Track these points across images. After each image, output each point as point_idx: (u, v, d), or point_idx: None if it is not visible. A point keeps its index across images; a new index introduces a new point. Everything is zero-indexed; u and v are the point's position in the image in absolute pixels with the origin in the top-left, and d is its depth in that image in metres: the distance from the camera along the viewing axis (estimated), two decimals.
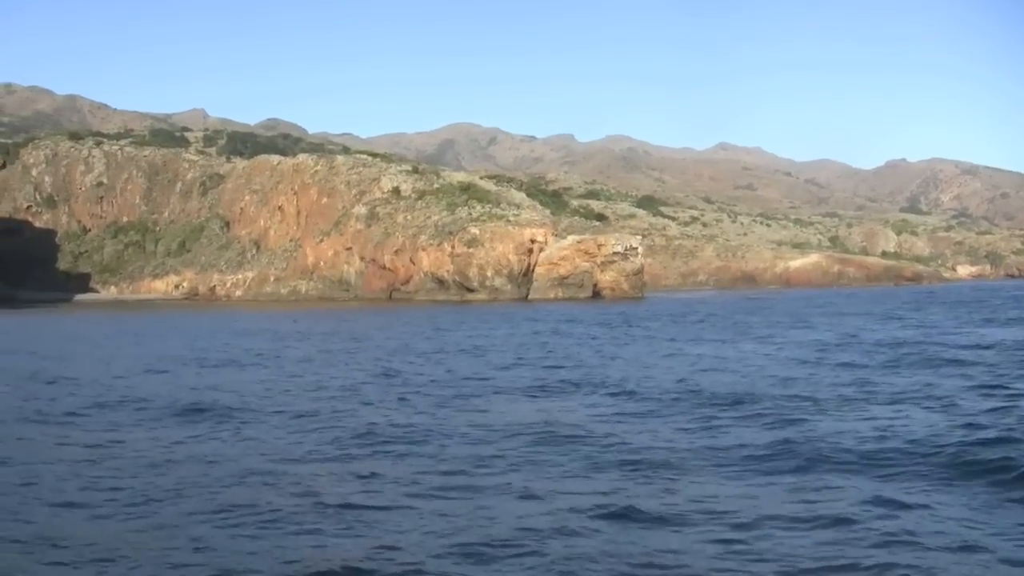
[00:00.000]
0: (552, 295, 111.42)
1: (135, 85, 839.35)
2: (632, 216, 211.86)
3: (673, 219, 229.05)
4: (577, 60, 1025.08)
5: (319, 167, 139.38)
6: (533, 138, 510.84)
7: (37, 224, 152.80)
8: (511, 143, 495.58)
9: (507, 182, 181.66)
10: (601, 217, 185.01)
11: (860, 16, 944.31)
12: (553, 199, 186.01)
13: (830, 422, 18.74)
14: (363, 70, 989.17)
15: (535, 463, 15.72)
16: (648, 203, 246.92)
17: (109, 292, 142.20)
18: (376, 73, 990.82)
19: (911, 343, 37.83)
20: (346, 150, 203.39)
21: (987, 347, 35.35)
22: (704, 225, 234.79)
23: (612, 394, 24.29)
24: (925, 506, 12.52)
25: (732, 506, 12.66)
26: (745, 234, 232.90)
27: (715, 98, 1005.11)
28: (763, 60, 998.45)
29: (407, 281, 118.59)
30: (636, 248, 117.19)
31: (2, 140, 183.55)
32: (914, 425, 17.98)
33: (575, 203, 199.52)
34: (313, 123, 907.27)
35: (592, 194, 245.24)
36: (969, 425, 17.60)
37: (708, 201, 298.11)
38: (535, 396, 24.44)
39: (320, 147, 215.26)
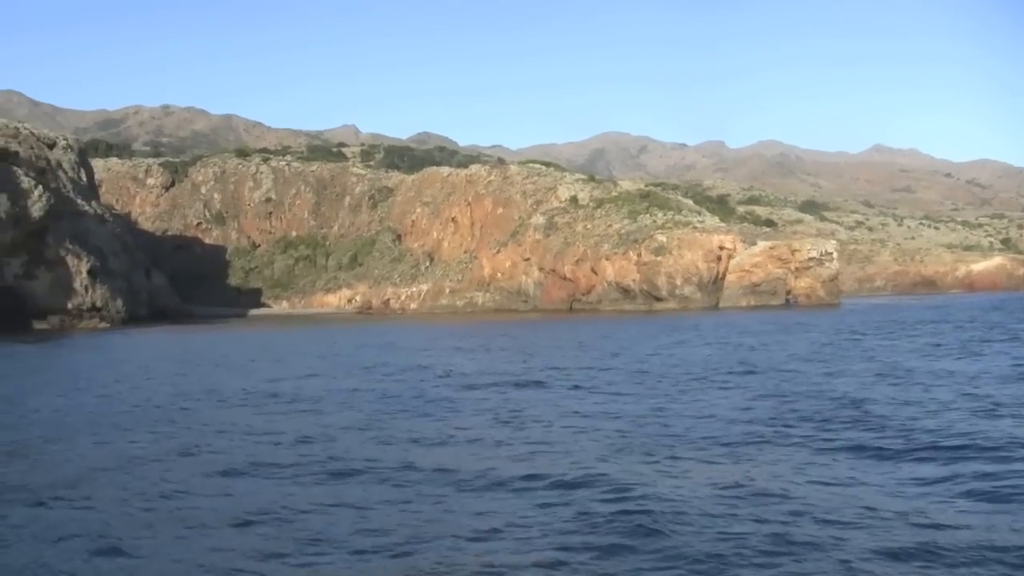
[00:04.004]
0: (744, 303, 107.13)
1: (285, 103, 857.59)
2: (799, 221, 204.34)
3: (839, 224, 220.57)
4: (727, 61, 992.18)
5: (492, 177, 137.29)
6: (684, 146, 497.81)
7: (207, 240, 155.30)
8: (661, 151, 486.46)
9: (672, 189, 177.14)
10: (770, 223, 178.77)
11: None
12: (719, 205, 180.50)
13: None
14: (509, 81, 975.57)
15: None
16: (811, 208, 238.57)
17: (281, 307, 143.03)
18: (523, 83, 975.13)
19: None
20: (501, 162, 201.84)
21: None
22: (870, 229, 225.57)
23: None
24: None
25: None
26: (913, 237, 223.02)
27: (869, 101, 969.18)
28: (917, 57, 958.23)
29: (588, 291, 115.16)
30: (831, 253, 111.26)
31: (171, 159, 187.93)
32: None
33: (740, 209, 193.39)
34: (461, 136, 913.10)
35: (752, 200, 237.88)
36: None
37: (868, 205, 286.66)
38: None
39: (476, 159, 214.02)
